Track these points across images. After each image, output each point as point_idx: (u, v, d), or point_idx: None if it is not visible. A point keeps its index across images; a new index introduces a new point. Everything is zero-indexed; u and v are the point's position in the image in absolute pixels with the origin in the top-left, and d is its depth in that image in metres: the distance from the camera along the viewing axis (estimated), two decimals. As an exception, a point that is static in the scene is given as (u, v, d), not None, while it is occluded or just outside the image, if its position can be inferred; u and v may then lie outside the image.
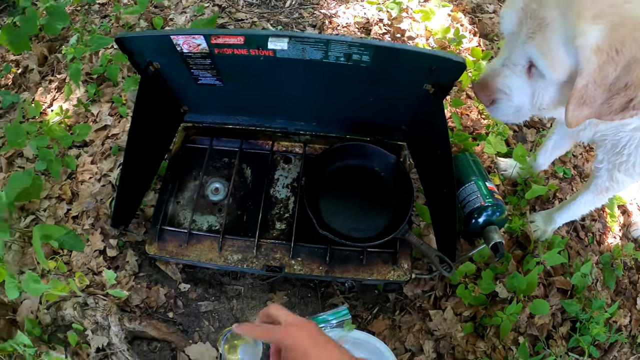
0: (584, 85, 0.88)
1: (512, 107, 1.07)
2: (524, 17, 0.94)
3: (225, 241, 1.42)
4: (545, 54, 0.92)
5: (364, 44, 1.16)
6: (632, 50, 0.84)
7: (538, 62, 0.95)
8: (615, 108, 0.92)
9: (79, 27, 2.21)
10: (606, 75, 0.87)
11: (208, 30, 1.19)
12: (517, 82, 1.02)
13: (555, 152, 1.74)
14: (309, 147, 1.60)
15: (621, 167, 1.28)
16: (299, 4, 2.28)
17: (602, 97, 0.90)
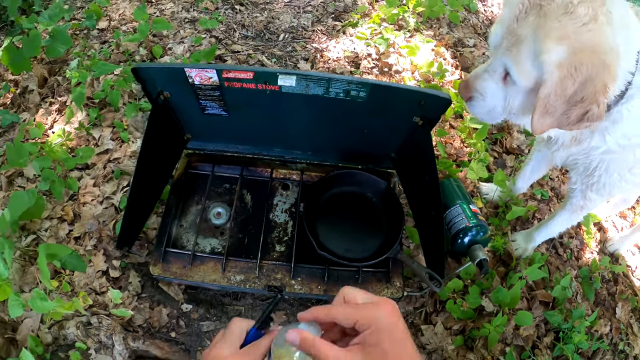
0: (546, 94, 1.02)
1: (485, 106, 1.22)
2: (507, 33, 1.08)
3: (228, 262, 1.49)
4: (517, 64, 1.07)
5: (361, 82, 1.29)
6: (588, 70, 0.98)
7: (511, 70, 1.09)
8: (572, 119, 1.05)
9: (78, 51, 2.28)
10: (565, 88, 1.00)
11: (221, 66, 1.30)
12: (492, 86, 1.17)
13: (533, 176, 1.86)
14: (305, 175, 1.70)
15: (593, 188, 1.40)
16: (291, 38, 2.40)
17: (562, 108, 1.03)
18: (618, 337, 1.75)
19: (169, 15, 2.46)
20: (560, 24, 0.99)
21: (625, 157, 1.27)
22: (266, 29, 2.44)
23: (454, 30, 2.59)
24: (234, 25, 2.43)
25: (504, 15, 1.10)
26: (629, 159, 1.27)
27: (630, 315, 1.83)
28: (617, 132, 1.18)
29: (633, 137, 1.19)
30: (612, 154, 1.26)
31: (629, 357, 1.73)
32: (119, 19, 2.47)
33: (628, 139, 1.20)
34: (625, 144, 1.22)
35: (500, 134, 2.14)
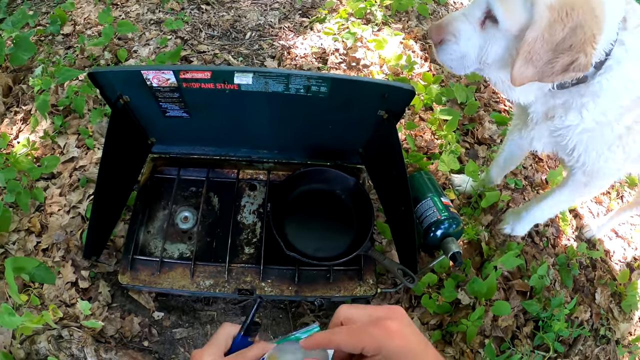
0: (533, 38, 0.97)
1: (457, 51, 1.14)
2: None
3: (196, 267, 1.47)
4: (504, 3, 1.01)
5: (321, 76, 1.27)
6: (580, 15, 0.94)
7: (496, 9, 1.02)
8: (557, 69, 1.01)
9: (43, 57, 2.23)
10: (554, 33, 0.96)
11: (177, 66, 1.27)
12: (467, 29, 1.10)
13: (507, 166, 1.85)
14: (272, 174, 1.68)
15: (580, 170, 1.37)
16: (258, 36, 2.37)
17: (547, 56, 0.99)
18: (599, 322, 1.76)
19: (134, 17, 2.41)
20: None
21: (602, 133, 1.23)
22: (232, 28, 2.40)
23: (423, 22, 2.57)
24: (199, 25, 2.39)
25: None
26: (606, 136, 1.23)
27: (610, 300, 1.84)
28: (595, 108, 1.15)
29: (609, 113, 1.16)
30: (589, 132, 1.23)
31: (611, 341, 1.74)
32: (84, 23, 2.42)
33: (604, 114, 1.16)
34: (602, 120, 1.18)
35: (471, 124, 2.13)
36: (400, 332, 0.58)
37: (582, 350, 1.68)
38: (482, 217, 1.88)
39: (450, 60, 1.18)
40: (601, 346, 1.72)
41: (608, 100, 1.14)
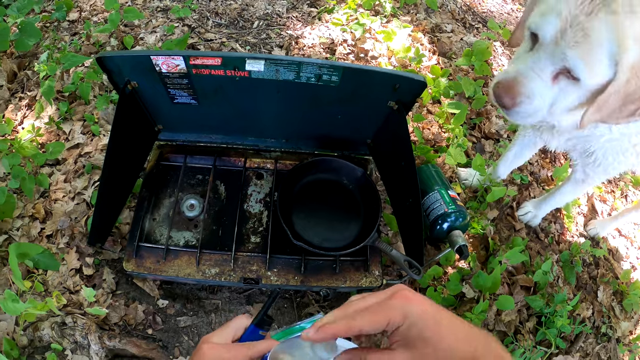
0: (610, 93, 0.99)
1: (531, 110, 1.12)
2: (566, 25, 1.00)
3: (202, 255, 1.46)
4: (586, 62, 0.99)
5: (333, 65, 1.25)
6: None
7: (578, 67, 1.01)
8: (623, 115, 1.04)
9: (48, 44, 2.21)
10: (629, 87, 0.98)
11: (187, 52, 1.26)
12: (541, 87, 1.07)
13: (516, 161, 1.85)
14: (279, 163, 1.67)
15: (590, 167, 1.45)
16: (266, 25, 2.35)
17: (616, 105, 1.01)
18: (600, 320, 1.76)
19: (141, 4, 2.39)
20: (631, 24, 0.95)
21: (621, 142, 1.30)
22: (240, 17, 2.38)
23: (432, 15, 2.56)
24: (207, 14, 2.37)
25: (554, 5, 1.02)
26: (624, 144, 1.30)
27: (612, 298, 1.84)
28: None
29: (632, 125, 1.21)
30: (613, 142, 1.30)
31: (612, 339, 1.74)
32: (90, 9, 2.40)
33: (628, 127, 1.22)
34: (626, 131, 1.25)
35: (478, 118, 2.12)
36: (418, 298, 0.60)
37: (583, 347, 1.69)
38: (487, 211, 1.88)
39: (521, 119, 1.17)
40: (602, 344, 1.72)
41: None
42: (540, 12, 1.06)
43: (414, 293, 0.62)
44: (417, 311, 0.60)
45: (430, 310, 0.61)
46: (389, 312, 0.58)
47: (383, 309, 0.59)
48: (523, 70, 1.08)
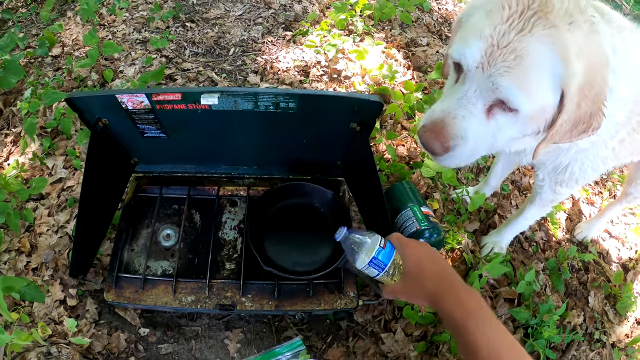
0: (564, 121, 0.89)
1: (467, 151, 0.97)
2: (492, 47, 0.86)
3: (178, 284, 1.48)
4: (524, 89, 0.86)
5: (288, 93, 1.29)
6: (599, 85, 0.91)
7: (515, 97, 0.87)
8: (574, 134, 0.96)
9: (32, 80, 2.27)
10: (580, 109, 0.90)
11: (149, 89, 1.30)
12: (476, 124, 0.93)
13: (505, 173, 1.87)
14: (252, 190, 1.69)
15: (563, 183, 1.37)
16: (242, 52, 2.40)
17: (567, 129, 0.93)
18: (593, 326, 1.74)
19: (120, 37, 2.45)
20: (573, 37, 0.84)
21: (597, 150, 1.23)
22: (217, 45, 2.43)
23: (407, 30, 2.60)
24: (184, 43, 2.43)
25: (478, 24, 0.88)
26: (601, 152, 1.24)
27: (605, 303, 1.82)
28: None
29: (604, 132, 1.12)
30: (585, 152, 1.23)
31: (606, 345, 1.72)
32: (72, 44, 2.47)
33: (598, 134, 1.07)
34: (596, 140, 1.15)
35: (455, 131, 2.13)
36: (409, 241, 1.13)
37: (576, 356, 1.67)
38: (467, 224, 1.88)
39: (458, 162, 1.01)
40: (596, 350, 1.70)
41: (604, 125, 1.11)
42: (460, 37, 0.92)
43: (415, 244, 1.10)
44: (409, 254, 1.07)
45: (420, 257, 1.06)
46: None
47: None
48: (451, 108, 0.93)
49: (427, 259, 1.08)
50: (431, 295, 1.01)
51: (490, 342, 0.89)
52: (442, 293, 0.99)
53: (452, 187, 1.96)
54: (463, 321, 0.92)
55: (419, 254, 1.08)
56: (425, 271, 1.05)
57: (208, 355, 1.56)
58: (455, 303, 0.96)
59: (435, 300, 1.00)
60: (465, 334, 0.91)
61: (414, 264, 1.07)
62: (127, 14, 2.58)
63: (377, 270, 1.08)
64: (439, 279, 1.03)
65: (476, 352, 0.89)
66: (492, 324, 0.93)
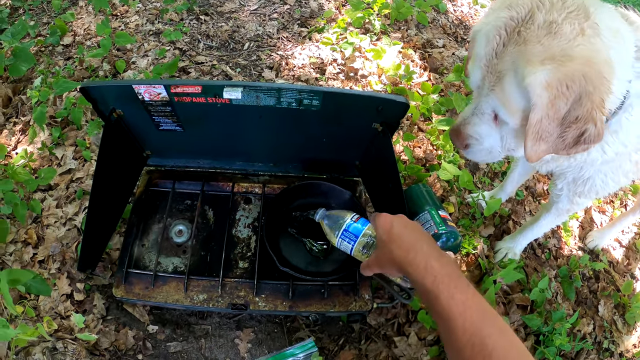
0: (538, 119, 0.93)
1: (483, 150, 1.15)
2: (486, 72, 1.01)
3: (190, 282, 1.45)
4: (504, 103, 1.00)
5: (313, 90, 1.26)
6: (582, 84, 0.89)
7: (499, 111, 1.03)
8: (568, 142, 0.97)
9: (43, 68, 2.24)
10: (558, 109, 0.91)
11: (168, 81, 1.26)
12: (485, 129, 1.10)
13: (521, 180, 1.86)
14: (267, 187, 1.66)
15: (582, 194, 1.37)
16: (256, 47, 2.37)
17: (557, 131, 0.95)
18: (602, 335, 1.73)
19: (133, 28, 2.42)
20: (543, 47, 0.91)
21: (621, 163, 1.22)
22: (231, 39, 2.40)
23: (423, 31, 2.57)
24: (198, 36, 2.40)
25: (478, 52, 1.02)
26: (625, 165, 1.23)
27: (614, 312, 1.81)
28: (616, 142, 1.13)
29: (629, 144, 1.14)
30: (609, 164, 1.21)
31: (614, 354, 1.71)
32: (83, 34, 2.43)
33: (625, 146, 1.14)
34: (622, 151, 1.16)
35: (471, 135, 2.11)
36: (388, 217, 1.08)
37: (585, 364, 1.65)
38: (482, 229, 1.86)
39: (480, 158, 1.20)
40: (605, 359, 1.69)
41: (629, 134, 1.11)
42: (470, 58, 1.08)
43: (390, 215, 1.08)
44: (380, 223, 1.06)
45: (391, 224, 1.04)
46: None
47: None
48: (467, 115, 1.13)
49: (398, 225, 1.04)
50: (400, 262, 0.97)
51: (465, 310, 0.83)
52: (412, 258, 0.95)
53: (467, 191, 1.93)
54: (433, 287, 0.88)
55: (390, 221, 1.06)
56: (394, 237, 1.02)
57: (218, 354, 1.53)
58: (424, 269, 0.91)
59: (405, 267, 0.96)
60: (437, 301, 0.86)
61: (383, 231, 1.04)
62: (140, 5, 2.55)
63: (349, 244, 1.13)
64: (410, 245, 0.99)
65: (449, 320, 0.83)
66: (466, 290, 0.87)
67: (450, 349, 0.85)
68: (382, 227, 1.06)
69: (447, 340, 0.86)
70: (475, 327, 0.82)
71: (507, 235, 1.85)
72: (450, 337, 0.84)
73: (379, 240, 1.07)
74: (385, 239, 1.04)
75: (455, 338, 0.83)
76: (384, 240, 1.04)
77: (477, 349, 0.79)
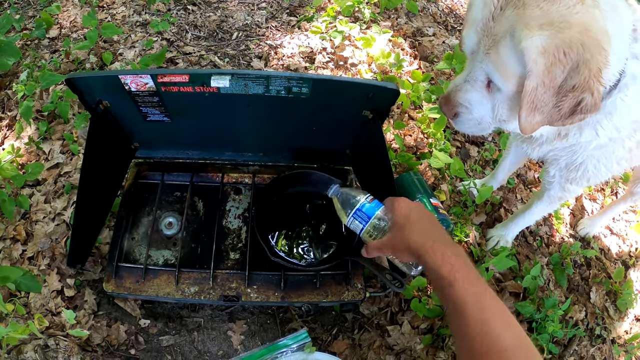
0: (533, 87, 0.91)
1: (473, 120, 1.12)
2: (482, 36, 0.99)
3: (181, 274, 1.44)
4: (498, 68, 0.97)
5: (302, 77, 1.24)
6: (580, 52, 0.88)
7: (493, 76, 1.00)
8: (564, 112, 0.95)
9: (29, 62, 2.20)
10: (554, 77, 0.90)
11: (154, 70, 1.24)
12: (476, 97, 1.07)
13: (513, 168, 1.85)
14: (257, 177, 1.65)
15: (573, 181, 1.36)
16: (245, 36, 2.34)
17: (552, 101, 0.93)
18: (594, 322, 1.74)
19: (120, 19, 2.38)
20: (541, 11, 0.90)
21: (614, 149, 1.21)
22: (219, 28, 2.37)
23: (413, 19, 2.55)
24: (185, 27, 2.36)
25: (475, 16, 1.00)
26: (617, 152, 1.22)
27: (606, 299, 1.82)
28: (609, 125, 1.11)
29: (622, 129, 1.13)
30: (602, 149, 1.20)
31: (607, 341, 1.72)
32: (70, 26, 2.39)
33: (619, 131, 1.13)
34: (615, 136, 1.15)
35: (462, 122, 2.10)
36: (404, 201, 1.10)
37: (578, 351, 1.66)
38: (473, 216, 1.86)
39: (468, 129, 1.17)
40: (597, 346, 1.70)
41: (623, 117, 1.10)
42: (465, 24, 1.06)
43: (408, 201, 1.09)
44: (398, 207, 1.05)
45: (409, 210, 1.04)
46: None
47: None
48: (459, 82, 1.10)
49: (416, 212, 1.05)
50: (417, 249, 0.97)
51: (478, 301, 0.85)
52: (430, 247, 0.95)
53: (459, 179, 1.93)
54: (450, 276, 0.89)
55: (408, 206, 1.06)
56: (413, 223, 1.02)
57: (211, 347, 1.52)
58: (442, 257, 0.92)
59: (421, 253, 0.96)
60: (451, 290, 0.88)
61: (401, 216, 1.04)
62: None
63: (361, 224, 1.12)
64: (427, 233, 1.00)
65: (463, 310, 0.85)
66: (478, 282, 0.89)
67: (460, 338, 0.87)
68: (400, 212, 1.05)
69: (458, 330, 0.87)
70: (487, 319, 0.83)
71: (498, 223, 1.85)
72: (462, 326, 0.85)
73: (395, 224, 1.06)
74: (402, 223, 1.04)
75: (466, 328, 0.84)
76: (400, 225, 1.04)
77: (487, 341, 0.81)
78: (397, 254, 1.10)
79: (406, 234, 1.02)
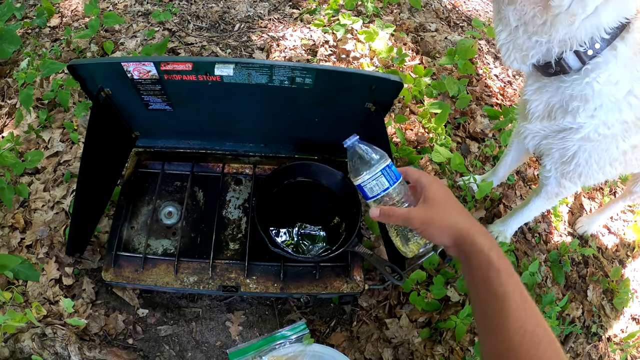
0: None
1: None
2: None
3: (180, 264, 1.44)
4: None
5: (306, 67, 1.23)
6: None
7: None
8: None
9: (29, 50, 2.19)
10: None
11: (158, 57, 1.23)
12: None
13: (514, 165, 1.86)
14: (258, 168, 1.64)
15: (568, 176, 1.37)
16: (247, 28, 2.33)
17: None
18: (590, 319, 1.75)
19: (121, 9, 2.37)
20: None
21: (607, 147, 1.21)
22: (221, 20, 2.36)
23: (415, 15, 2.54)
24: (188, 17, 2.35)
25: None
26: (611, 151, 1.22)
27: (602, 297, 1.83)
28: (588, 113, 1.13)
29: (612, 126, 1.13)
30: (591, 142, 1.21)
31: (602, 339, 1.73)
32: (71, 15, 2.38)
33: (607, 127, 1.13)
34: (605, 133, 1.15)
35: (463, 118, 2.10)
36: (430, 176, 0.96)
37: (574, 348, 1.67)
38: (473, 212, 1.86)
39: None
40: (593, 344, 1.71)
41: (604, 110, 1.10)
42: None
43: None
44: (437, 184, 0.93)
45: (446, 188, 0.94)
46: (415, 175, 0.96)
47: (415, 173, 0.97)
48: None
49: (451, 194, 0.95)
50: (466, 229, 0.87)
51: (521, 293, 0.79)
52: (477, 230, 0.86)
53: (459, 174, 1.93)
54: (499, 262, 0.81)
55: (444, 185, 0.97)
56: (455, 203, 0.93)
57: (209, 337, 1.52)
58: (492, 242, 0.84)
59: (468, 235, 0.86)
60: (498, 277, 0.80)
61: (441, 193, 0.93)
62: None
63: (388, 182, 0.96)
64: (469, 216, 0.91)
65: (505, 300, 0.78)
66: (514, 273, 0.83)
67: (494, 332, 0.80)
68: (439, 189, 0.93)
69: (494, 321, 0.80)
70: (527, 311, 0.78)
71: (498, 219, 1.86)
72: (502, 317, 0.78)
73: (433, 200, 0.92)
74: (443, 200, 0.92)
75: (506, 320, 0.78)
76: (441, 202, 0.92)
77: (529, 334, 0.75)
78: (429, 230, 0.93)
79: (452, 213, 0.91)
